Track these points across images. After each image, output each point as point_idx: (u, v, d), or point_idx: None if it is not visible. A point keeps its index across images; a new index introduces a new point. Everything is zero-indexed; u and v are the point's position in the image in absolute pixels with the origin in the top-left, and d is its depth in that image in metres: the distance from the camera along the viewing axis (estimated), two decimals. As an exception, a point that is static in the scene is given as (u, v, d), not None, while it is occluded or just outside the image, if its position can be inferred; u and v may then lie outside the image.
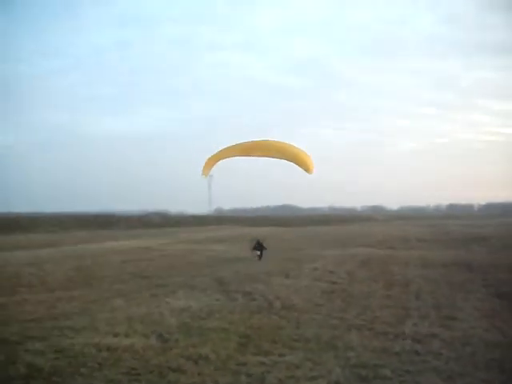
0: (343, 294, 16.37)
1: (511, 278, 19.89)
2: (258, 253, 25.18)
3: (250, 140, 18.98)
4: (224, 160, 18.15)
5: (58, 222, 77.94)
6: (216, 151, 18.75)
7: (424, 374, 8.78)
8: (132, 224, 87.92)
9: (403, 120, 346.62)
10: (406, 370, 8.94)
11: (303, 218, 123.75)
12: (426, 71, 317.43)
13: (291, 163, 19.01)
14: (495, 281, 19.20)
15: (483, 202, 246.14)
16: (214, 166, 18.67)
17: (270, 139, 19.62)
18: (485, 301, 15.42)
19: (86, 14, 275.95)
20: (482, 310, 14.01)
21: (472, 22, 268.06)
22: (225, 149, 18.88)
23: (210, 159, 18.96)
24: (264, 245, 25.46)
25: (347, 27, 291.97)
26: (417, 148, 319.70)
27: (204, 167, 18.94)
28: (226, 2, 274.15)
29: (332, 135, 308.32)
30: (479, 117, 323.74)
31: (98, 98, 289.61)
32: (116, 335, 11.04)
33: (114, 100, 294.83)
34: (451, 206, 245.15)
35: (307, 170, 19.63)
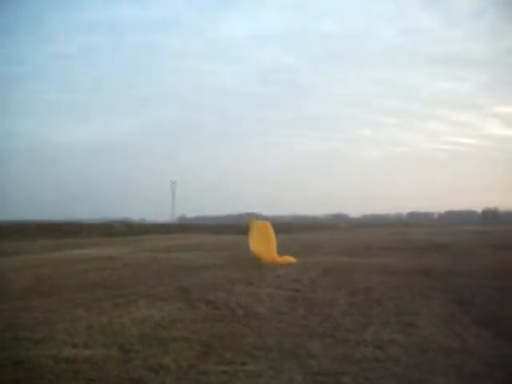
0: (306, 302, 16.37)
1: (470, 284, 20.27)
2: None
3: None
4: (188, 167, 20.00)
5: (18, 230, 76.25)
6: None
7: (383, 381, 8.89)
8: (94, 232, 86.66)
9: (365, 129, 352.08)
10: (366, 376, 9.02)
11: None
12: (388, 81, 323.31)
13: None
14: (455, 287, 19.53)
15: (443, 211, 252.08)
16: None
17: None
18: (444, 307, 15.62)
19: (50, 18, 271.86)
20: (441, 316, 14.18)
21: (432, 34, 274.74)
22: None
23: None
24: None
25: (312, 38, 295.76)
26: (378, 157, 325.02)
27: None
28: (194, 9, 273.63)
29: (295, 143, 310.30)
30: (439, 126, 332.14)
31: (59, 106, 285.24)
32: (75, 346, 10.79)
33: (76, 107, 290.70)
34: (411, 215, 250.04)
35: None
